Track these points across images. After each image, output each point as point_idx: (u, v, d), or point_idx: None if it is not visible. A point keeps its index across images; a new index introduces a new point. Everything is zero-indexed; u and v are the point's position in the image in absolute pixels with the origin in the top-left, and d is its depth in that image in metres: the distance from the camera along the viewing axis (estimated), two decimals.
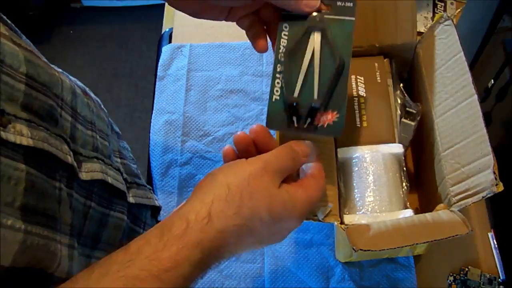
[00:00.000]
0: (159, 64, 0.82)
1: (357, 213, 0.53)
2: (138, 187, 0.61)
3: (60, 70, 0.51)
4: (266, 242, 0.43)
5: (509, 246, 0.66)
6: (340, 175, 0.56)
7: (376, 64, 0.61)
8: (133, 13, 2.06)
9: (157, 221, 0.67)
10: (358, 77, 0.60)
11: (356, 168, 0.55)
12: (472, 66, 0.72)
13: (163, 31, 0.89)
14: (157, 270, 0.35)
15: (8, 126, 0.37)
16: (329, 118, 0.45)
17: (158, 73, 0.81)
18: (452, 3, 0.85)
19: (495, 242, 0.65)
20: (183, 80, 0.80)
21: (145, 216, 0.63)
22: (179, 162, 0.73)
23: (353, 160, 0.55)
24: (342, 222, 0.51)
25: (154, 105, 0.79)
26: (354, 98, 0.59)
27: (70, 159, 0.44)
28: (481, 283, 0.63)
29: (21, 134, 0.38)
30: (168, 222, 0.38)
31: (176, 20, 0.88)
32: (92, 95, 0.59)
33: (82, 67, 1.95)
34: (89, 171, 0.48)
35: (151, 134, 0.76)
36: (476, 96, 0.49)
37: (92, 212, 0.49)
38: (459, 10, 0.84)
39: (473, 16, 0.70)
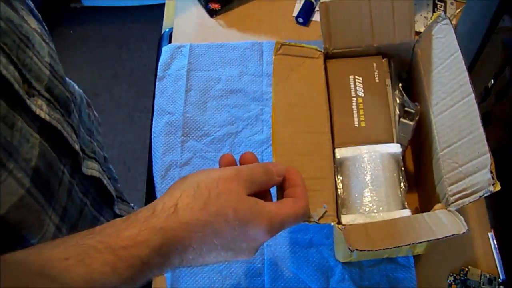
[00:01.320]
0: (159, 64, 0.82)
1: (355, 213, 0.53)
2: (123, 203, 0.64)
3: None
4: (232, 250, 0.41)
5: (509, 246, 0.66)
6: (338, 175, 0.56)
7: (374, 64, 0.61)
8: (133, 13, 2.06)
9: None
10: (356, 77, 0.60)
11: (354, 168, 0.55)
12: (472, 66, 0.72)
13: (163, 31, 0.89)
14: (114, 245, 0.35)
15: (32, 98, 0.40)
16: None
17: (158, 73, 0.81)
18: (452, 3, 0.85)
19: (495, 242, 0.65)
20: (183, 80, 0.80)
21: None
22: (179, 163, 0.73)
23: (351, 160, 0.55)
24: (339, 222, 0.51)
25: (154, 105, 0.79)
26: (353, 98, 0.59)
27: (77, 147, 0.47)
28: (481, 283, 0.63)
29: (41, 108, 0.41)
30: (136, 211, 0.39)
31: (176, 20, 0.88)
32: (94, 110, 0.63)
33: (82, 67, 1.95)
34: (89, 168, 0.51)
35: (152, 136, 0.76)
36: (473, 95, 0.49)
37: (86, 209, 0.51)
38: (459, 10, 0.84)
39: (473, 16, 0.70)
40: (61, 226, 0.45)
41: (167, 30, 0.88)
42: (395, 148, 0.56)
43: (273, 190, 0.48)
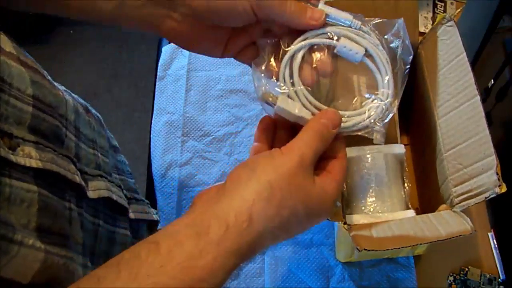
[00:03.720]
0: (159, 64, 0.82)
1: (359, 213, 0.53)
2: (137, 202, 0.61)
3: (63, 88, 0.51)
4: (294, 235, 0.41)
5: (509, 246, 0.66)
6: None
7: None
8: None
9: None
10: (360, 77, 0.60)
11: (358, 168, 0.55)
12: (472, 66, 0.72)
13: None
14: (189, 280, 0.32)
15: (17, 149, 0.37)
16: None
17: (158, 73, 0.81)
18: (452, 3, 0.85)
19: (495, 242, 0.65)
20: (183, 80, 0.80)
21: (143, 229, 0.63)
22: (178, 162, 0.73)
23: (355, 160, 0.55)
24: (344, 222, 0.51)
25: (154, 105, 0.79)
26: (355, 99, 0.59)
27: (78, 178, 0.44)
28: (481, 283, 0.63)
29: (30, 156, 0.37)
30: (203, 222, 0.35)
31: None
32: (93, 111, 0.59)
33: (82, 67, 1.95)
34: (96, 189, 0.48)
35: (151, 136, 0.76)
36: (478, 97, 0.49)
37: (101, 230, 0.49)
38: (459, 10, 0.84)
39: (473, 16, 0.70)
40: (85, 261, 0.44)
41: None
42: (399, 148, 0.56)
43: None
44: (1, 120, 0.36)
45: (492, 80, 0.78)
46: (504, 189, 0.44)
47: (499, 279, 0.63)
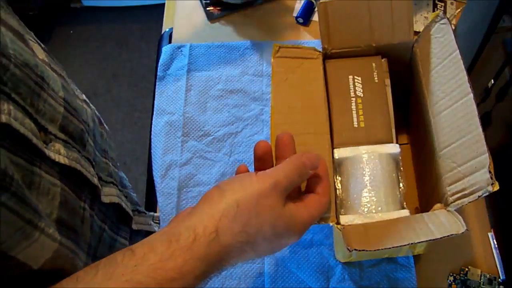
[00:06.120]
0: (159, 64, 0.82)
1: (354, 213, 0.53)
2: (139, 214, 0.63)
3: (84, 97, 0.54)
4: (263, 255, 0.45)
5: (509, 246, 0.66)
6: (337, 175, 0.56)
7: (373, 64, 0.61)
8: (133, 13, 2.06)
9: None
10: (355, 77, 0.60)
11: (353, 168, 0.55)
12: (472, 66, 0.72)
13: (163, 31, 0.89)
14: (161, 279, 0.35)
15: (49, 144, 0.39)
16: None
17: (158, 73, 0.81)
18: (452, 3, 0.85)
19: (495, 242, 0.65)
20: (183, 80, 0.80)
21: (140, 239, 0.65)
22: (178, 162, 0.73)
23: (350, 160, 0.55)
24: (338, 223, 0.51)
25: (154, 105, 0.79)
26: (352, 99, 0.59)
27: (96, 180, 0.47)
28: (481, 283, 0.63)
29: (59, 153, 0.40)
30: (175, 232, 0.39)
31: (176, 20, 0.88)
32: (105, 125, 0.62)
33: (82, 67, 1.95)
34: (108, 194, 0.51)
35: (151, 136, 0.76)
36: (471, 95, 0.49)
37: (105, 235, 0.51)
38: (459, 10, 0.84)
39: (473, 16, 0.70)
40: (88, 260, 0.45)
41: (167, 30, 0.88)
42: (394, 148, 0.56)
43: None
44: (40, 115, 0.39)
45: (492, 80, 0.78)
46: (496, 187, 0.44)
47: (499, 279, 0.63)
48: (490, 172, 0.45)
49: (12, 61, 0.36)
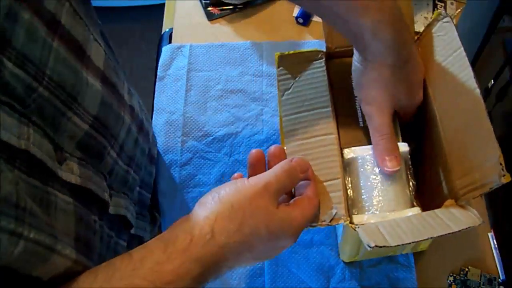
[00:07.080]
0: (159, 64, 0.82)
1: (366, 213, 0.53)
2: (143, 218, 0.64)
3: (138, 97, 0.56)
4: (261, 258, 0.46)
5: (509, 246, 0.66)
6: (347, 175, 0.56)
7: None
8: (133, 13, 2.06)
9: None
10: None
11: (362, 169, 0.55)
12: (472, 66, 0.72)
13: (163, 31, 0.89)
14: (159, 282, 0.36)
15: (63, 164, 0.40)
16: None
17: (158, 73, 0.81)
18: (452, 3, 0.85)
19: (495, 242, 0.65)
20: (183, 80, 0.80)
21: (138, 244, 0.65)
22: (179, 162, 0.73)
23: (359, 161, 0.55)
24: (351, 223, 0.51)
25: (154, 105, 0.79)
26: (356, 98, 0.59)
27: (106, 195, 0.47)
28: (481, 283, 0.63)
29: (72, 172, 0.41)
30: (172, 236, 0.40)
31: (176, 20, 0.88)
32: (146, 126, 0.63)
33: None
34: (115, 205, 0.51)
35: None
36: (478, 90, 0.49)
37: (112, 241, 0.52)
38: (459, 10, 0.84)
39: (473, 16, 0.70)
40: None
41: (167, 30, 0.88)
42: (402, 147, 0.56)
43: None
44: (59, 133, 0.39)
45: (492, 80, 0.78)
46: (508, 178, 0.44)
47: (499, 279, 0.63)
48: (500, 164, 0.44)
49: (44, 83, 0.36)
